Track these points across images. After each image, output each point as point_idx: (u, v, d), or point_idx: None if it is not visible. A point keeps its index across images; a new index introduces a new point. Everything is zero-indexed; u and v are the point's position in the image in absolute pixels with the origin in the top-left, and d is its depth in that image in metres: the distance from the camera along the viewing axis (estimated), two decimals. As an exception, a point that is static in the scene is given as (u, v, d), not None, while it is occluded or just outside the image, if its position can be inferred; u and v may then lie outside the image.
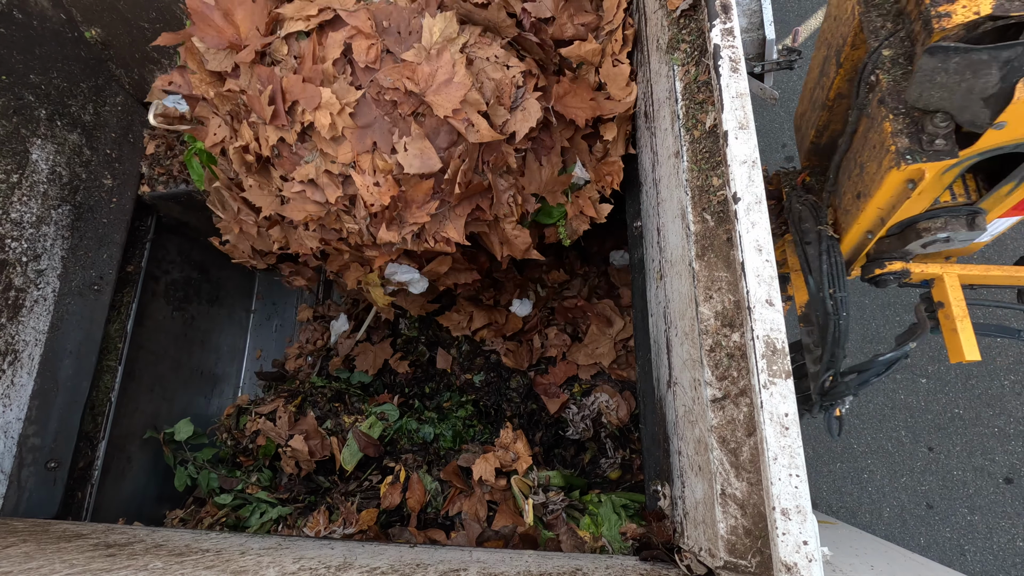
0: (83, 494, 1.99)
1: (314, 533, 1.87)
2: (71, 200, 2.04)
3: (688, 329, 1.11)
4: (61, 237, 2.00)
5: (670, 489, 1.30)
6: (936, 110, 1.17)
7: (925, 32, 1.15)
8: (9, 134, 1.87)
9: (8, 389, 1.80)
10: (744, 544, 0.87)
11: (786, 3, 3.79)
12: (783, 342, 0.84)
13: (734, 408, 0.94)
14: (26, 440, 1.83)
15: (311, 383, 2.37)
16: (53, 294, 1.96)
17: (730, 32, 1.07)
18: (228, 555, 1.14)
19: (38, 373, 1.88)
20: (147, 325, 2.31)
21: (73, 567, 1.04)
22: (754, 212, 0.92)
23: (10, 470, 1.78)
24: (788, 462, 0.78)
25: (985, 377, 3.07)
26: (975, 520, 2.86)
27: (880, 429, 3.09)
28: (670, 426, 1.30)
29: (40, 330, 1.91)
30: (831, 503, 3.02)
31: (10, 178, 1.86)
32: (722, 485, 0.90)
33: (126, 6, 2.04)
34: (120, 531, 1.41)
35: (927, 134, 1.17)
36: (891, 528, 2.92)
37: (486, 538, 1.72)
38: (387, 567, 1.05)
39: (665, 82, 1.31)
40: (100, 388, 2.08)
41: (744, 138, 0.98)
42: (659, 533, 1.28)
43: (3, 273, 1.81)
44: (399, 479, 1.87)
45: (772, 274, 0.88)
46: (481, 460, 1.82)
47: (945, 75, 1.11)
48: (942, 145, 1.16)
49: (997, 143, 1.16)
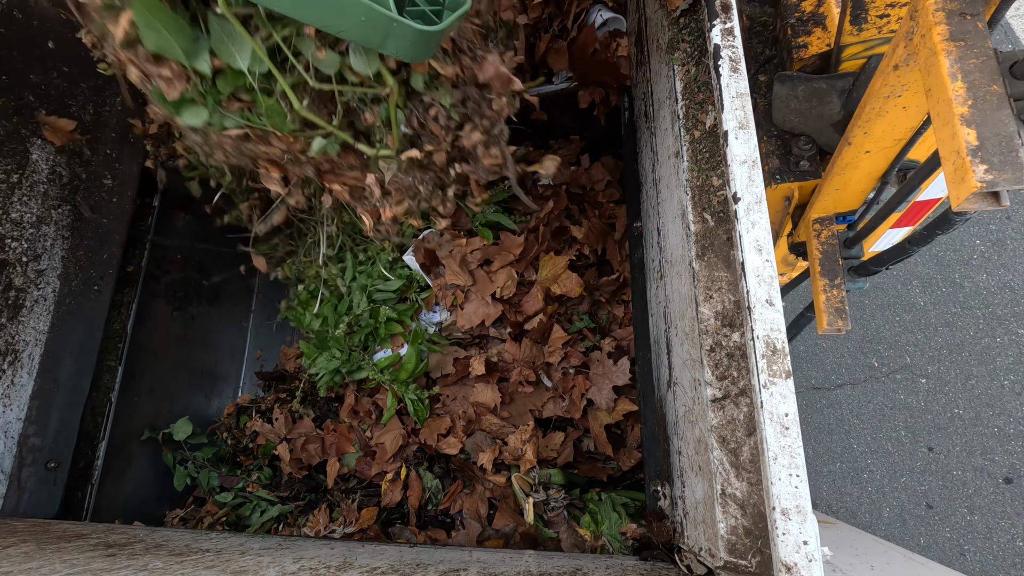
0: (83, 494, 1.99)
1: (314, 532, 1.87)
2: (71, 200, 2.04)
3: (688, 329, 1.11)
4: (61, 237, 2.00)
5: (670, 489, 1.30)
6: (800, 133, 1.23)
7: (789, 60, 1.23)
8: (9, 134, 1.87)
9: (8, 389, 1.80)
10: (744, 544, 0.87)
11: (786, 3, 3.79)
12: (783, 342, 0.84)
13: (734, 408, 0.94)
14: (26, 440, 1.83)
15: (311, 383, 2.37)
16: (53, 294, 1.96)
17: (730, 32, 1.07)
18: (228, 555, 1.14)
19: (38, 373, 1.88)
20: (147, 325, 2.31)
21: (73, 567, 1.04)
22: (754, 212, 0.92)
23: (10, 470, 1.79)
24: (788, 462, 0.78)
25: (985, 377, 3.07)
26: (975, 520, 2.86)
27: (880, 429, 3.09)
28: (670, 426, 1.30)
29: (40, 330, 1.91)
30: (831, 503, 3.02)
31: (10, 178, 1.86)
32: (722, 485, 0.90)
33: (126, 6, 2.04)
34: (120, 531, 1.41)
35: (794, 155, 1.25)
36: (891, 528, 2.92)
37: (487, 536, 1.72)
38: (387, 567, 1.05)
39: (665, 82, 1.31)
40: (100, 388, 2.08)
41: (744, 138, 0.98)
42: (659, 533, 1.29)
43: (3, 273, 1.81)
44: (399, 477, 1.88)
45: (772, 274, 0.88)
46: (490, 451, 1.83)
47: (796, 102, 1.19)
48: (806, 166, 1.26)
49: (855, 166, 1.23)
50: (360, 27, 0.84)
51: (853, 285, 1.40)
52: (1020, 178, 0.72)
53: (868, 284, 1.41)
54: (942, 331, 3.16)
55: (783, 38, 1.29)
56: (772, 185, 1.26)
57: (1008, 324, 3.12)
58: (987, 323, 3.15)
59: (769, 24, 1.42)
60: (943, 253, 3.34)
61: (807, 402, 3.20)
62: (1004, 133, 0.74)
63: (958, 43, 0.80)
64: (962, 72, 0.79)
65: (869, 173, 1.16)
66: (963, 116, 0.76)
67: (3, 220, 1.83)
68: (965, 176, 0.74)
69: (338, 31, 0.86)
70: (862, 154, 1.10)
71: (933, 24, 0.82)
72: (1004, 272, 3.24)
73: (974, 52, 0.80)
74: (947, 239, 3.35)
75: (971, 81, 0.78)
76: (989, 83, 0.78)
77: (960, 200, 0.75)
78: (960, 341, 3.14)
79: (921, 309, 3.24)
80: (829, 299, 1.29)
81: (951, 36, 0.81)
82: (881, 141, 1.07)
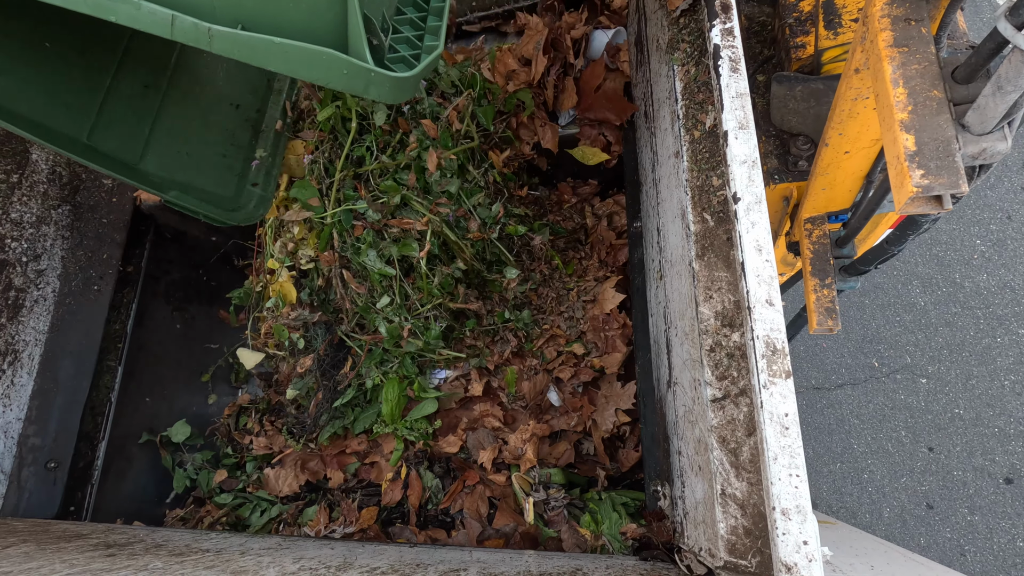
0: (83, 494, 1.99)
1: (315, 532, 1.87)
2: (71, 200, 2.04)
3: (688, 329, 1.11)
4: (61, 237, 2.00)
5: (670, 489, 1.30)
6: (798, 133, 1.23)
7: (788, 60, 1.22)
8: (9, 134, 1.87)
9: (8, 389, 1.80)
10: (744, 544, 0.87)
11: (786, 3, 3.79)
12: (783, 342, 0.84)
13: (734, 408, 0.94)
14: (26, 440, 1.83)
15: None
16: (53, 294, 1.96)
17: (730, 32, 1.07)
18: (228, 555, 1.14)
19: (38, 373, 1.88)
20: (147, 325, 2.31)
21: (73, 567, 1.04)
22: (754, 212, 0.92)
23: (10, 470, 1.79)
24: (788, 462, 0.78)
25: (985, 377, 3.07)
26: (975, 520, 2.86)
27: (880, 429, 3.09)
28: (670, 426, 1.30)
29: (40, 330, 1.91)
30: (831, 503, 3.02)
31: (10, 178, 1.86)
32: (722, 485, 0.90)
33: (126, 6, 2.04)
34: (120, 531, 1.41)
35: (792, 155, 1.23)
36: (891, 528, 2.92)
37: (487, 536, 1.72)
38: (387, 567, 1.05)
39: (665, 82, 1.31)
40: (100, 388, 2.08)
41: (744, 138, 0.98)
42: (659, 533, 1.29)
43: (3, 273, 1.81)
44: (399, 476, 1.88)
45: (772, 274, 0.88)
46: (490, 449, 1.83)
47: (794, 102, 1.19)
48: (805, 166, 1.26)
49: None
50: (344, 79, 0.95)
51: (844, 285, 1.40)
52: (956, 183, 0.71)
53: (860, 284, 1.40)
54: (942, 331, 3.16)
55: (781, 38, 1.29)
56: (771, 185, 1.26)
57: (1008, 324, 3.12)
58: (987, 323, 3.15)
59: (768, 24, 1.42)
60: (943, 253, 3.33)
61: (807, 402, 3.19)
62: (942, 138, 0.75)
63: (901, 49, 0.80)
64: (904, 78, 0.79)
65: (853, 173, 1.16)
66: (903, 122, 0.76)
67: (3, 220, 1.83)
68: (903, 181, 0.75)
69: (327, 83, 0.96)
70: (841, 155, 1.10)
71: (879, 31, 0.82)
72: (1004, 272, 3.24)
73: (916, 58, 0.80)
74: (948, 239, 3.34)
75: (912, 87, 0.78)
76: (930, 88, 0.78)
77: (901, 203, 0.76)
78: (960, 341, 3.14)
79: (921, 309, 3.24)
80: (819, 299, 1.29)
81: (895, 42, 0.81)
82: (858, 142, 1.07)
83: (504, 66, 1.90)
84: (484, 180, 1.88)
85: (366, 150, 1.83)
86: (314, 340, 2.08)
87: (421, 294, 1.84)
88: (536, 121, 1.93)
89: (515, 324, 1.99)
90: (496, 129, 1.90)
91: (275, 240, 2.09)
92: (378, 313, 1.89)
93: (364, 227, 1.80)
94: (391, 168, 1.79)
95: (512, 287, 1.97)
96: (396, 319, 1.87)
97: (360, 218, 1.81)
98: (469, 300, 1.92)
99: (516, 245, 2.02)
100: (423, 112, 1.82)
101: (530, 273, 2.05)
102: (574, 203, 2.18)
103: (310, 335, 2.09)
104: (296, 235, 2.01)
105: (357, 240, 1.83)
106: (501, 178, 1.95)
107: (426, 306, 1.86)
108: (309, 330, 2.08)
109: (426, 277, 1.79)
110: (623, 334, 1.86)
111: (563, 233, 2.14)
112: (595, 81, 1.83)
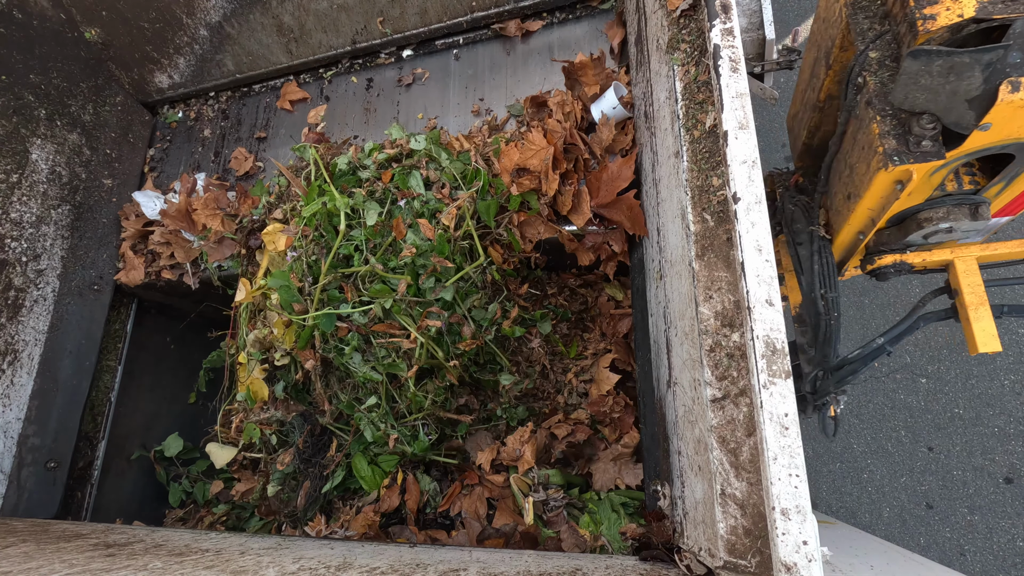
0: (83, 494, 1.99)
1: (315, 532, 1.87)
2: (71, 200, 2.04)
3: (688, 329, 1.11)
4: (61, 237, 2.00)
5: (670, 489, 1.30)
6: (922, 112, 1.18)
7: (910, 34, 1.16)
8: (9, 134, 1.87)
9: (8, 389, 1.80)
10: (744, 544, 0.87)
11: (786, 3, 3.79)
12: (783, 342, 0.84)
13: (734, 408, 0.94)
14: (26, 440, 1.83)
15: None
16: (53, 294, 1.96)
17: (730, 32, 1.07)
18: (228, 555, 1.14)
19: (38, 373, 1.88)
20: (147, 325, 2.31)
21: (73, 567, 1.04)
22: (754, 212, 0.92)
23: (10, 470, 1.79)
24: (788, 462, 0.78)
25: (985, 377, 3.07)
26: (975, 520, 2.86)
27: (880, 429, 3.09)
28: (670, 426, 1.30)
29: (40, 330, 1.91)
30: (831, 503, 3.02)
31: (10, 178, 1.86)
32: (722, 485, 0.90)
33: (126, 6, 2.04)
34: (120, 531, 1.41)
35: (914, 136, 1.18)
36: (891, 528, 2.92)
37: (487, 536, 1.72)
38: (387, 567, 1.05)
39: (665, 82, 1.31)
40: (100, 388, 2.08)
41: (744, 138, 0.98)
42: (659, 533, 1.29)
43: (3, 273, 1.81)
44: (396, 481, 1.87)
45: (772, 274, 0.88)
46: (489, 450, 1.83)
47: (929, 78, 1.11)
48: (929, 147, 1.17)
49: (983, 144, 1.17)
50: None
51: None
52: None
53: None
54: (942, 331, 3.16)
55: (900, 11, 1.21)
56: (889, 167, 1.18)
57: (1008, 324, 3.12)
58: (987, 323, 3.15)
59: (877, -2, 1.33)
60: (943, 253, 3.33)
61: (807, 402, 3.19)
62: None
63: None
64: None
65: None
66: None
67: (3, 220, 1.83)
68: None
69: None
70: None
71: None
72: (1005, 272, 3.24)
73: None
74: (947, 239, 3.34)
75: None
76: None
77: None
78: (960, 341, 3.13)
79: (921, 309, 3.23)
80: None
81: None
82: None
83: (510, 161, 1.74)
84: (482, 280, 1.74)
85: (355, 249, 1.69)
86: (291, 433, 1.94)
87: (409, 401, 1.74)
88: (541, 224, 1.78)
89: (509, 421, 1.93)
90: (497, 223, 1.76)
91: (250, 323, 1.94)
92: (363, 414, 1.77)
93: (349, 329, 1.67)
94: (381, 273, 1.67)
95: (508, 390, 1.90)
96: (383, 425, 1.76)
97: (345, 320, 1.68)
98: (461, 408, 1.85)
99: (512, 345, 1.93)
100: (420, 212, 1.72)
101: (528, 370, 1.96)
102: (577, 287, 2.12)
103: (286, 429, 1.95)
104: (273, 326, 1.87)
105: (341, 341, 1.70)
106: (500, 275, 1.81)
107: (414, 415, 1.77)
108: (284, 425, 1.95)
109: (415, 395, 1.71)
110: (629, 411, 1.80)
111: (567, 318, 2.05)
112: (616, 184, 1.67)
